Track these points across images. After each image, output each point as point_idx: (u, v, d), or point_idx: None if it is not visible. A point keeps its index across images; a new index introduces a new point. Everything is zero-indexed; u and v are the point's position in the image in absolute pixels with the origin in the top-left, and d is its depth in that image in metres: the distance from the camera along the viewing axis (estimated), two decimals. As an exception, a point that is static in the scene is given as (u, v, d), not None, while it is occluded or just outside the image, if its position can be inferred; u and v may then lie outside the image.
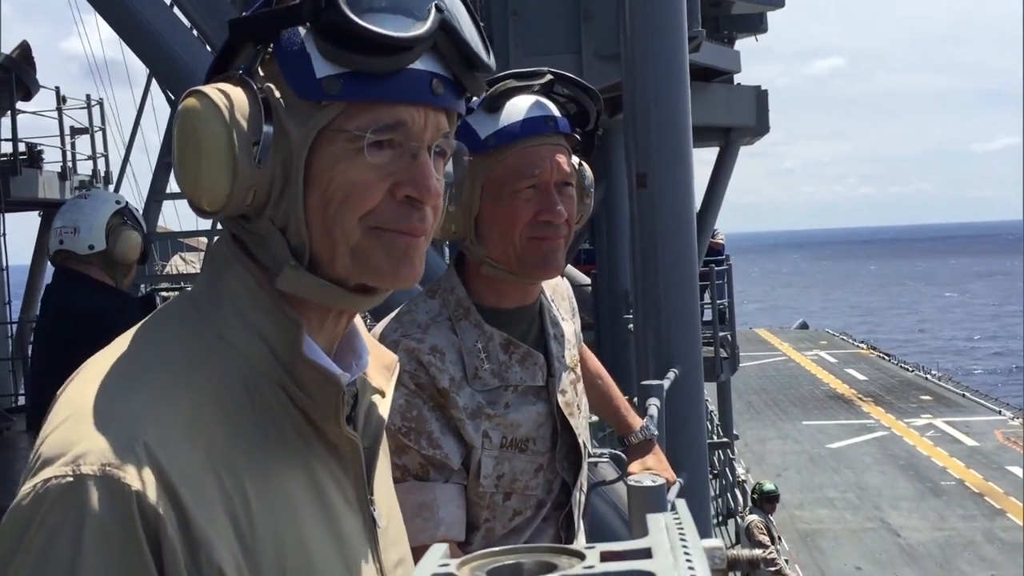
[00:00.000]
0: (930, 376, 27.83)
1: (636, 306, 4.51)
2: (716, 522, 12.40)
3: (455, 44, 0.95)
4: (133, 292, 3.81)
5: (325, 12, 0.89)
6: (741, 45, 12.69)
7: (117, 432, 0.83)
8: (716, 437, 13.53)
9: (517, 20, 8.11)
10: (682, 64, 4.22)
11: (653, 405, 2.93)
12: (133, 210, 3.66)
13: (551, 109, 1.75)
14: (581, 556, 0.56)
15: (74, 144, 13.26)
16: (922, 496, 16.43)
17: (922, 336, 53.52)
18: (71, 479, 0.80)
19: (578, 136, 1.79)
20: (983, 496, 16.23)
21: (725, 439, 13.92)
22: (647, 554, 0.55)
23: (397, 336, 1.70)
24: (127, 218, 3.55)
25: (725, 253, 14.29)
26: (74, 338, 3.26)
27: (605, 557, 0.56)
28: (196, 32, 5.42)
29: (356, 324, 1.08)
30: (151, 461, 0.82)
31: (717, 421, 14.55)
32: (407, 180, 0.94)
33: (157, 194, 9.95)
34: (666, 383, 3.42)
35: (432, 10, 0.93)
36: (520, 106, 1.72)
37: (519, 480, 1.75)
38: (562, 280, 1.99)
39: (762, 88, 11.08)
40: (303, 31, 0.92)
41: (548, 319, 1.86)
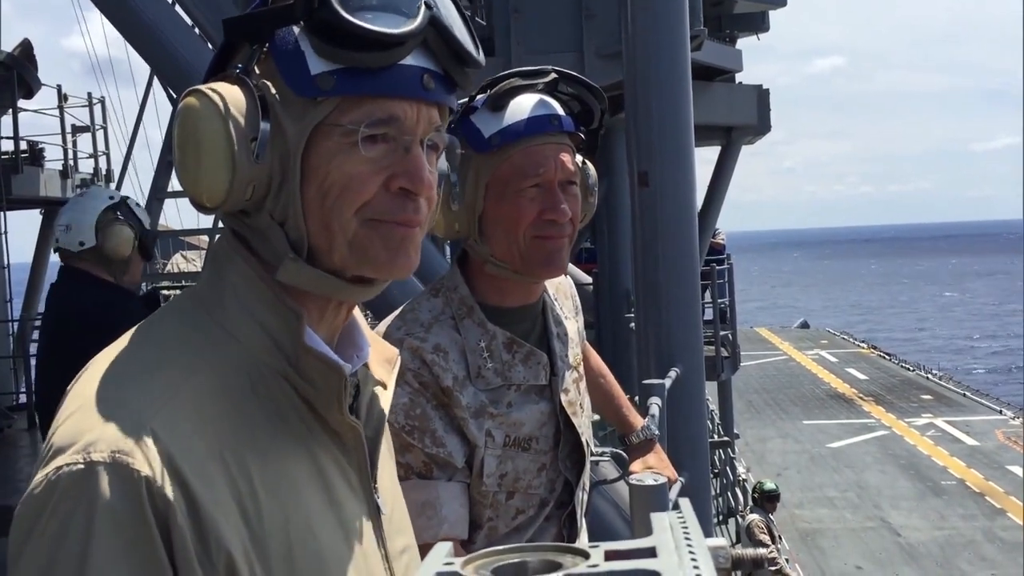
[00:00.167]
0: (931, 376, 27.80)
1: (637, 305, 4.51)
2: (717, 521, 12.40)
3: (444, 40, 0.98)
4: (136, 289, 3.74)
5: (318, 11, 0.91)
6: (742, 44, 12.69)
7: (125, 420, 0.85)
8: (717, 436, 13.51)
9: (519, 18, 8.10)
10: (684, 63, 4.21)
11: (654, 404, 2.93)
12: (133, 205, 3.60)
13: (556, 108, 1.74)
14: (585, 555, 0.56)
15: (75, 142, 13.27)
16: (922, 495, 16.42)
17: (922, 335, 53.51)
18: (82, 466, 0.83)
19: (582, 135, 1.79)
20: (983, 496, 16.22)
21: (726, 438, 13.89)
22: (652, 553, 0.55)
23: (401, 335, 1.70)
24: (120, 213, 3.50)
25: (726, 252, 14.26)
26: (75, 335, 3.25)
27: (609, 556, 0.56)
28: (198, 30, 5.41)
29: (356, 318, 1.10)
30: (159, 447, 0.84)
31: (718, 420, 14.54)
32: (401, 172, 0.96)
33: (159, 192, 9.94)
34: (667, 382, 3.42)
35: (422, 7, 0.95)
36: (524, 105, 1.72)
37: (522, 479, 1.75)
38: (565, 278, 1.99)
39: (764, 87, 11.08)
40: (296, 30, 0.94)
41: (551, 318, 1.86)
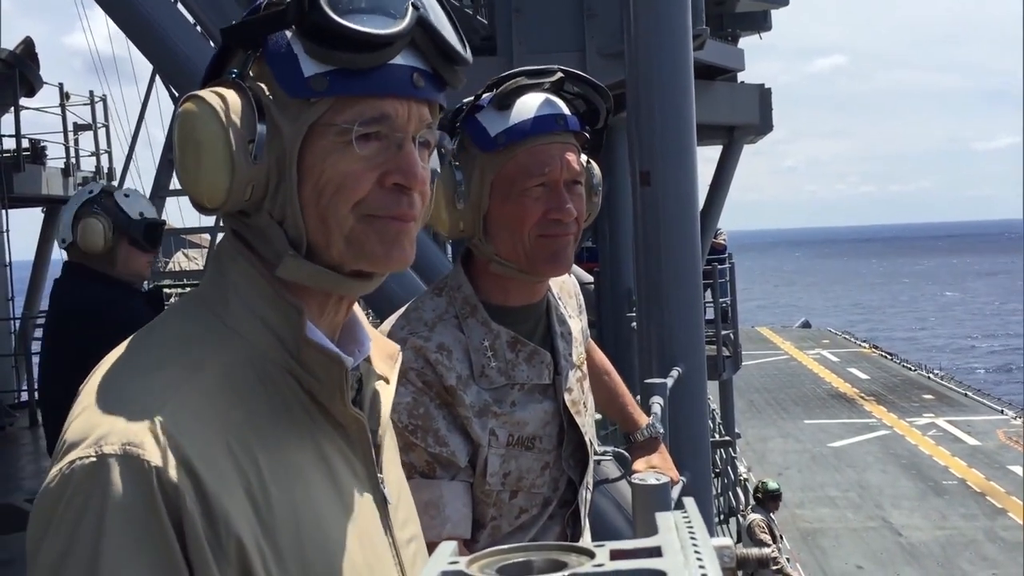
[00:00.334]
0: (932, 375, 27.76)
1: (639, 304, 4.50)
2: (718, 520, 12.40)
3: (432, 39, 1.00)
4: (139, 284, 3.69)
5: (309, 15, 0.95)
6: (744, 43, 12.69)
7: (135, 414, 0.89)
8: (718, 436, 13.50)
9: (520, 17, 8.10)
10: (686, 62, 4.21)
11: (656, 403, 2.92)
12: (121, 197, 3.43)
13: (561, 107, 1.74)
14: (591, 554, 0.56)
15: (77, 140, 13.29)
16: (924, 495, 16.41)
17: (923, 334, 53.49)
18: (94, 459, 0.86)
19: (587, 134, 1.79)
20: (985, 495, 16.20)
21: (727, 438, 13.86)
22: (657, 552, 0.55)
23: (404, 334, 1.70)
24: (96, 207, 3.38)
25: (727, 252, 14.25)
26: (75, 331, 3.25)
27: (615, 555, 0.56)
28: (200, 28, 5.41)
29: (357, 314, 1.13)
30: (168, 439, 0.87)
31: (719, 419, 14.53)
32: (394, 169, 0.99)
33: (160, 190, 9.95)
34: (669, 381, 3.41)
35: (409, 8, 0.98)
36: (531, 104, 1.72)
37: (525, 478, 1.75)
38: (569, 277, 1.99)
39: (766, 86, 11.07)
40: (288, 34, 0.98)
41: (555, 317, 1.86)
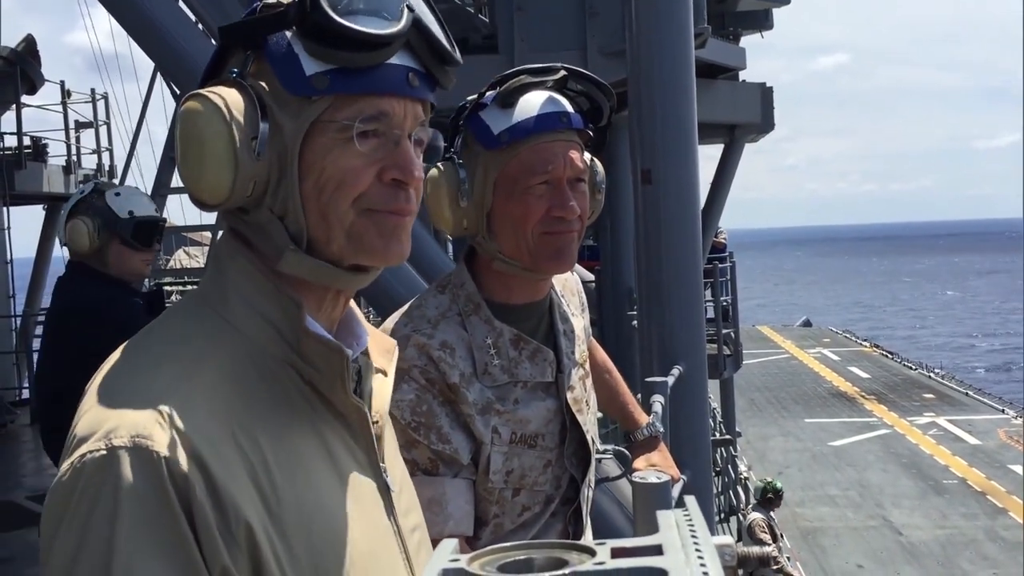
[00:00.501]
0: (933, 374, 27.77)
1: (640, 303, 4.50)
2: (718, 519, 12.41)
3: (426, 40, 1.04)
4: (139, 284, 3.68)
5: (311, 15, 0.97)
6: (745, 41, 12.68)
7: (142, 408, 0.91)
8: (719, 434, 13.51)
9: (522, 16, 8.09)
10: (688, 60, 4.20)
11: (657, 402, 2.92)
12: (112, 196, 3.39)
13: (565, 105, 1.74)
14: (592, 552, 0.57)
15: (79, 138, 13.30)
16: (924, 494, 16.42)
17: (923, 333, 53.48)
18: (104, 452, 0.88)
19: (591, 132, 1.79)
20: (985, 495, 16.21)
21: (728, 436, 13.88)
22: (658, 551, 0.55)
23: (407, 331, 1.70)
24: (86, 206, 3.36)
25: (728, 251, 14.24)
26: (73, 329, 3.24)
27: (616, 553, 0.56)
28: (201, 26, 5.41)
29: (353, 310, 1.15)
30: (176, 430, 0.90)
31: (720, 418, 14.53)
32: (392, 165, 1.02)
33: (162, 188, 9.96)
34: (670, 380, 3.41)
35: (404, 10, 1.02)
36: (534, 102, 1.72)
37: (528, 476, 1.75)
38: (571, 275, 1.99)
39: (767, 85, 11.07)
40: (288, 34, 1.00)
41: (558, 315, 1.86)
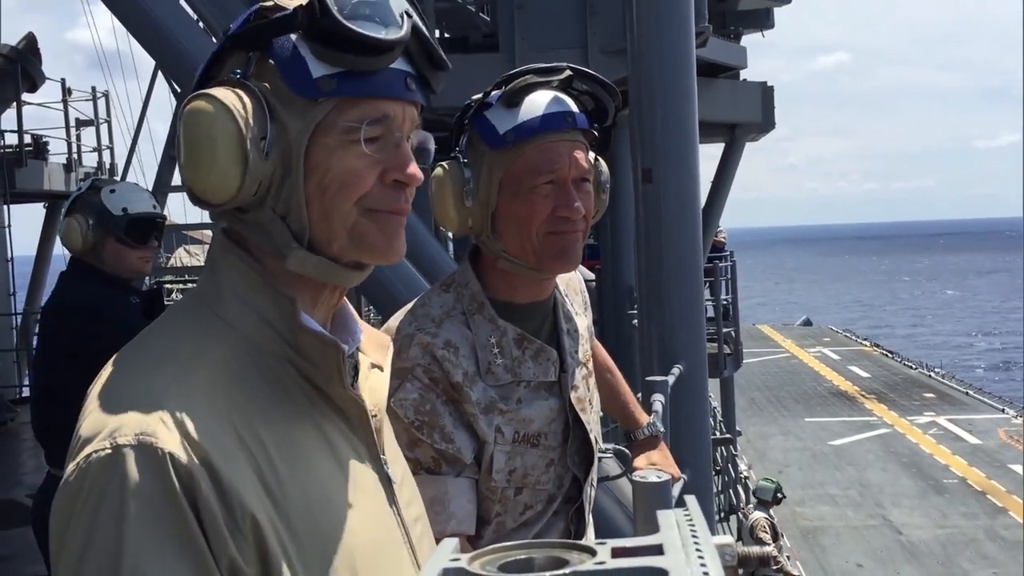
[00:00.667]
0: (933, 374, 27.75)
1: (640, 302, 4.49)
2: (718, 518, 12.41)
3: (423, 46, 1.07)
4: (139, 282, 3.68)
5: (321, 20, 1.00)
6: (746, 40, 12.68)
7: (145, 407, 0.93)
8: (719, 433, 13.51)
9: (522, 14, 8.09)
10: (688, 59, 4.19)
11: (657, 401, 2.91)
12: (107, 193, 3.35)
13: (570, 105, 1.74)
14: (592, 552, 0.56)
15: (79, 136, 13.29)
16: (924, 494, 16.41)
17: (923, 332, 53.47)
18: (109, 451, 0.90)
19: (595, 132, 1.78)
20: (985, 494, 16.20)
21: (728, 435, 13.88)
22: (659, 550, 0.55)
23: (412, 330, 1.70)
24: (82, 204, 3.34)
25: (728, 250, 14.23)
26: (65, 326, 3.25)
27: (616, 553, 0.56)
28: (202, 24, 5.41)
29: (347, 306, 1.16)
30: (178, 426, 0.92)
31: (720, 417, 14.52)
32: (394, 167, 1.05)
33: (162, 186, 9.97)
34: (670, 379, 3.40)
35: (405, 17, 1.05)
36: (539, 102, 1.72)
37: (530, 475, 1.75)
38: (575, 274, 1.98)
39: (768, 84, 11.07)
40: (293, 37, 1.02)
41: (562, 314, 1.86)
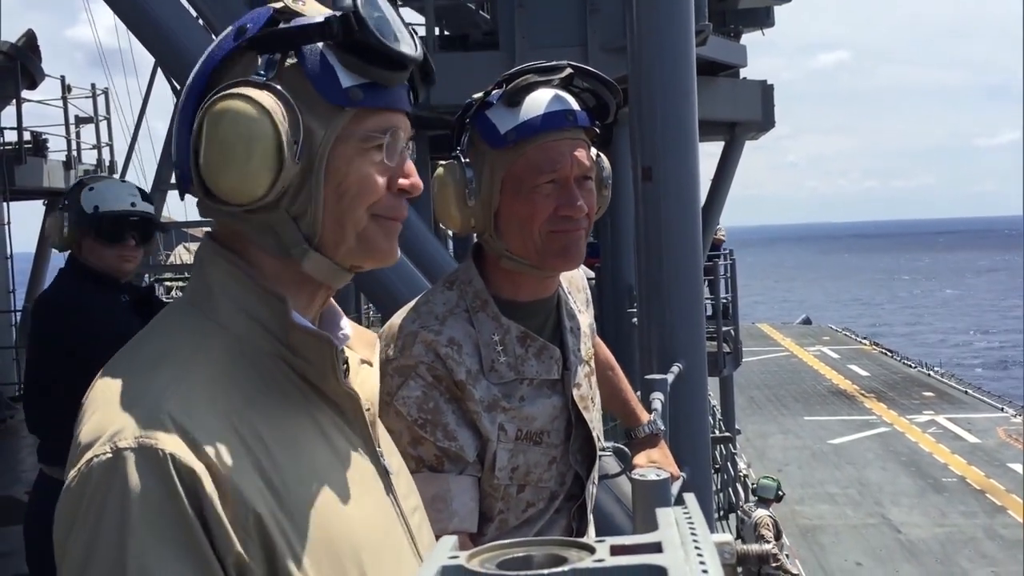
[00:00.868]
0: (933, 373, 27.75)
1: (640, 300, 4.50)
2: (717, 516, 12.41)
3: (424, 62, 1.12)
4: (138, 279, 3.68)
5: (358, 33, 1.03)
6: (746, 39, 12.67)
7: (143, 409, 0.94)
8: (718, 432, 13.51)
9: (523, 12, 8.09)
10: (688, 58, 4.20)
11: (657, 399, 2.92)
12: (84, 191, 3.31)
13: (571, 103, 1.73)
14: (591, 549, 0.57)
15: (79, 133, 13.29)
16: (923, 492, 16.41)
17: (921, 330, 53.50)
18: (110, 455, 0.91)
19: (597, 129, 1.78)
20: (984, 493, 16.21)
21: (727, 434, 13.87)
22: (657, 548, 0.55)
23: (415, 328, 1.70)
24: (66, 202, 3.35)
25: (727, 248, 14.23)
26: (40, 322, 3.27)
27: (615, 551, 0.56)
28: (202, 22, 5.40)
29: (333, 304, 1.19)
30: (178, 427, 0.93)
31: (719, 416, 14.53)
32: (401, 175, 1.10)
33: (162, 183, 9.95)
34: (670, 377, 3.41)
35: (415, 35, 1.10)
36: (540, 100, 1.71)
37: (533, 472, 1.75)
38: (578, 271, 1.98)
39: (768, 83, 11.07)
40: (320, 44, 1.04)
41: (565, 312, 1.86)
